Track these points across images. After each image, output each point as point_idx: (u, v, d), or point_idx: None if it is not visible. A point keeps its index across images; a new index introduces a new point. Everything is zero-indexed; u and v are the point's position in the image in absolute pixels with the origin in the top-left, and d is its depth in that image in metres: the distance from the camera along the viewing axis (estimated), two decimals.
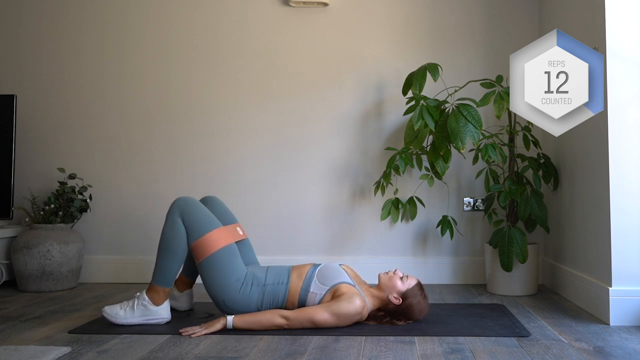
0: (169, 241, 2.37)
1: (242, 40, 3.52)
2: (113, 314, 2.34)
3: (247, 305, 2.34)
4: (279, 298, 2.37)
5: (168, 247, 2.37)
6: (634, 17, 2.41)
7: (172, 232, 2.37)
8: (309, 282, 2.37)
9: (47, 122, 3.58)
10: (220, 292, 2.34)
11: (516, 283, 2.99)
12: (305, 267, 2.45)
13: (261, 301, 2.35)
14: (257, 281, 2.37)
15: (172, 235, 2.37)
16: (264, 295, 2.36)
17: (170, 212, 2.41)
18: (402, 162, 3.07)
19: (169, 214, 2.41)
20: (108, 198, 3.52)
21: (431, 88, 3.20)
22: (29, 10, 3.62)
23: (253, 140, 3.49)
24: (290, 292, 2.37)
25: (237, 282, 2.34)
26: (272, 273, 2.42)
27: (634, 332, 2.25)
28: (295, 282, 2.38)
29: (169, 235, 2.37)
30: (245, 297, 2.34)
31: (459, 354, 1.98)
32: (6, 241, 3.36)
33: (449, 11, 3.45)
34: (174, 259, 2.38)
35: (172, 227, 2.38)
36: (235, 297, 2.33)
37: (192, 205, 2.42)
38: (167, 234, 2.38)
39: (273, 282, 2.38)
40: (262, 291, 2.36)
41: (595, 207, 2.57)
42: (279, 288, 2.37)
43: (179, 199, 2.44)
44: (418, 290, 2.36)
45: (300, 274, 2.41)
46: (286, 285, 2.37)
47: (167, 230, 2.39)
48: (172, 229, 2.37)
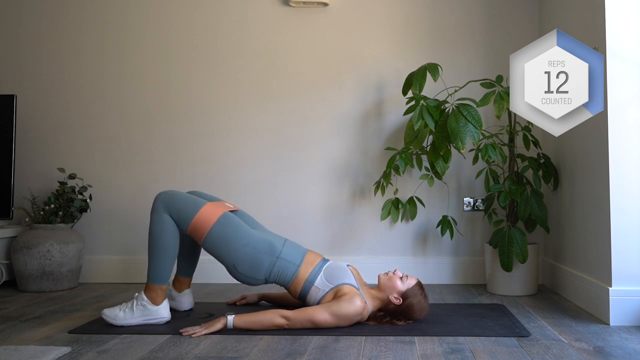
0: (158, 237, 2.38)
1: (242, 40, 3.52)
2: (112, 316, 2.34)
3: (257, 271, 2.36)
4: (287, 277, 2.39)
5: (158, 244, 2.37)
6: (634, 17, 2.41)
7: (160, 227, 2.38)
8: (314, 276, 2.39)
9: (47, 122, 3.58)
10: (232, 259, 2.36)
11: (516, 283, 2.99)
12: (316, 257, 2.47)
13: (270, 272, 2.37)
14: (272, 250, 2.38)
15: (161, 231, 2.37)
16: (274, 267, 2.37)
17: (154, 208, 2.41)
18: (402, 162, 3.07)
19: (154, 210, 2.41)
20: (108, 198, 3.52)
21: (431, 88, 3.20)
22: (29, 10, 3.62)
23: (253, 140, 3.49)
24: (297, 277, 2.39)
25: (245, 247, 2.36)
26: (288, 248, 2.43)
27: (634, 332, 2.25)
28: (304, 269, 2.40)
29: (158, 231, 2.38)
30: (255, 262, 2.35)
31: (459, 354, 1.98)
32: (6, 241, 3.36)
33: (449, 11, 3.45)
34: (167, 255, 2.38)
35: (159, 223, 2.38)
36: (245, 261, 2.35)
37: (173, 194, 2.44)
38: (155, 231, 2.39)
39: (286, 258, 2.39)
40: (274, 262, 2.37)
41: (595, 207, 2.57)
42: (289, 267, 2.38)
43: (160, 193, 2.44)
44: (418, 290, 2.36)
45: (311, 262, 2.43)
46: (297, 267, 2.39)
47: (154, 226, 2.39)
48: (160, 224, 2.38)
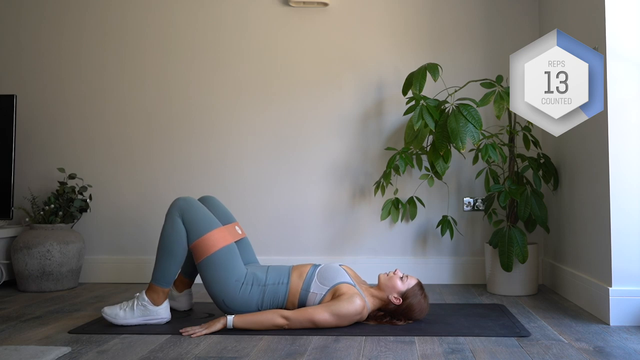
0: (168, 241, 2.37)
1: (242, 40, 3.52)
2: (113, 315, 2.34)
3: (247, 305, 2.34)
4: (280, 298, 2.36)
5: (168, 247, 2.37)
6: (634, 17, 2.41)
7: (172, 232, 2.37)
8: (309, 283, 2.37)
9: (47, 122, 3.58)
10: (220, 292, 2.34)
11: (516, 283, 2.99)
12: (305, 267, 2.45)
13: (261, 301, 2.35)
14: (258, 281, 2.37)
15: (172, 235, 2.37)
16: (264, 295, 2.35)
17: (170, 212, 2.41)
18: (402, 162, 3.07)
19: (169, 214, 2.40)
20: (108, 198, 3.52)
21: (431, 88, 3.20)
22: (29, 10, 3.62)
23: (253, 140, 3.49)
24: (290, 292, 2.36)
25: (237, 282, 2.34)
26: (272, 273, 2.41)
27: (634, 332, 2.25)
28: (295, 282, 2.38)
29: (169, 235, 2.37)
30: (245, 297, 2.34)
31: (459, 354, 1.98)
32: (6, 241, 3.36)
33: (449, 11, 3.45)
34: (174, 259, 2.38)
35: (172, 227, 2.37)
36: (235, 297, 2.33)
37: (192, 205, 2.42)
38: (167, 234, 2.38)
39: (274, 282, 2.38)
40: (263, 291, 2.36)
41: (595, 207, 2.57)
42: (279, 288, 2.37)
43: (179, 199, 2.44)
44: (418, 290, 2.36)
45: (300, 274, 2.41)
46: (287, 285, 2.37)
47: (167, 230, 2.38)
48: (172, 229, 2.37)
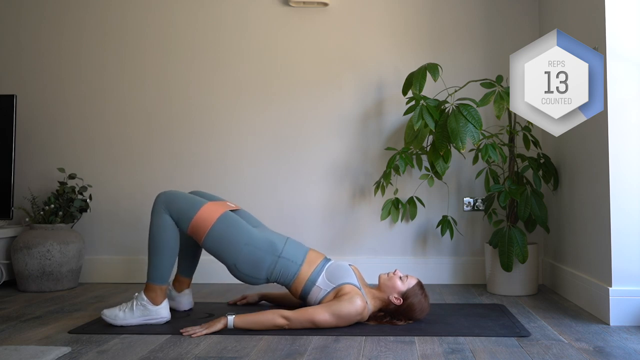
0: (158, 237, 2.37)
1: (242, 40, 3.52)
2: (112, 316, 2.34)
3: (258, 270, 2.36)
4: (288, 276, 2.38)
5: (159, 243, 2.37)
6: (634, 17, 2.41)
7: (161, 227, 2.37)
8: (316, 276, 2.38)
9: (47, 122, 3.58)
10: (233, 258, 2.35)
11: (516, 283, 2.99)
12: (318, 257, 2.46)
13: (271, 271, 2.37)
14: (273, 249, 2.38)
15: (161, 230, 2.37)
16: (275, 266, 2.37)
17: (154, 208, 2.41)
18: (402, 162, 3.07)
19: (154, 211, 2.40)
20: (108, 198, 3.52)
21: (431, 88, 3.20)
22: (29, 10, 3.62)
23: (253, 140, 3.49)
24: (299, 276, 2.38)
25: (246, 246, 2.35)
26: (290, 247, 2.43)
27: (634, 332, 2.25)
28: (305, 269, 2.39)
29: (157, 231, 2.37)
30: (256, 261, 2.35)
31: (459, 354, 1.98)
32: (6, 241, 3.36)
33: (449, 11, 3.45)
34: (166, 255, 2.38)
35: (159, 223, 2.38)
36: (246, 260, 2.35)
37: (174, 194, 2.43)
38: (155, 230, 2.38)
39: (288, 257, 2.39)
40: (275, 261, 2.37)
41: (595, 207, 2.57)
42: (291, 266, 2.38)
43: (160, 194, 2.44)
44: (418, 290, 2.36)
45: (311, 262, 2.42)
46: (299, 267, 2.39)
47: (154, 226, 2.39)
48: (160, 224, 2.37)
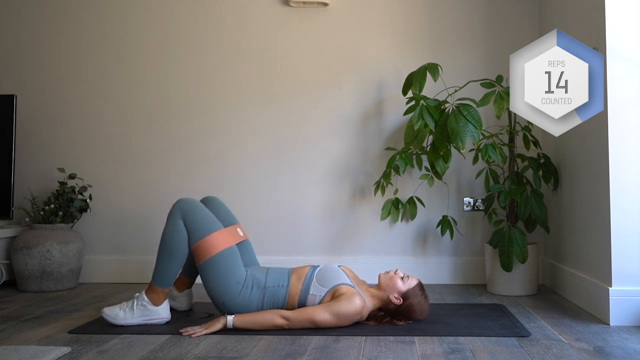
0: (170, 242, 2.37)
1: (242, 40, 3.52)
2: (112, 315, 2.34)
3: (248, 308, 2.34)
4: (280, 300, 2.36)
5: (169, 248, 2.37)
6: (634, 17, 2.41)
7: (174, 233, 2.37)
8: (308, 284, 2.37)
9: (47, 122, 3.58)
10: (221, 294, 2.34)
11: (516, 283, 2.99)
12: (304, 269, 2.45)
13: (261, 303, 2.35)
14: (258, 283, 2.37)
15: (173, 237, 2.36)
16: (264, 298, 2.35)
17: (171, 213, 2.41)
18: (402, 162, 3.07)
19: (171, 215, 2.40)
20: (108, 198, 3.52)
21: (431, 88, 3.20)
22: (29, 10, 3.62)
23: (253, 140, 3.49)
24: (290, 295, 2.36)
25: (237, 285, 2.34)
26: (272, 275, 2.41)
27: (634, 332, 2.25)
28: (295, 285, 2.37)
29: (170, 236, 2.37)
30: (245, 299, 2.34)
31: (459, 354, 1.98)
32: (6, 241, 3.36)
33: (449, 11, 3.45)
34: (174, 260, 2.37)
35: (173, 228, 2.37)
36: (235, 299, 2.33)
37: (194, 206, 2.42)
38: (168, 235, 2.38)
39: (273, 285, 2.37)
40: (263, 293, 2.36)
41: (595, 207, 2.57)
42: (279, 290, 2.37)
43: (181, 200, 2.43)
44: (419, 291, 2.36)
45: (299, 276, 2.41)
46: (286, 287, 2.37)
47: (168, 231, 2.38)
48: (174, 230, 2.37)
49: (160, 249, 2.39)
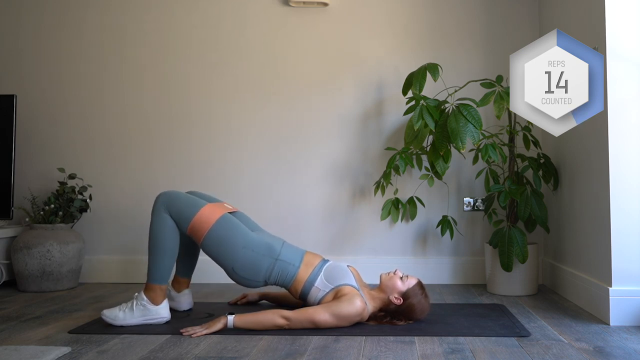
0: (158, 236, 2.38)
1: (242, 41, 3.52)
2: (112, 317, 2.34)
3: (256, 273, 2.36)
4: (287, 278, 2.39)
5: (158, 243, 2.38)
6: (634, 17, 2.41)
7: (160, 227, 2.38)
8: (315, 277, 2.39)
9: (47, 122, 3.58)
10: (231, 261, 2.36)
11: (516, 283, 2.99)
12: (315, 258, 2.47)
13: (270, 273, 2.38)
14: (271, 252, 2.39)
15: (160, 231, 2.38)
16: (273, 269, 2.38)
17: (155, 208, 2.42)
18: (402, 162, 3.07)
19: (154, 210, 2.41)
20: (108, 198, 3.52)
21: (431, 88, 3.20)
22: (29, 10, 3.62)
23: (253, 140, 3.49)
24: (297, 278, 2.39)
25: (244, 249, 2.36)
26: (287, 250, 2.44)
27: (634, 332, 2.25)
28: (303, 271, 2.40)
29: (158, 231, 2.38)
30: (254, 264, 2.36)
31: (459, 354, 1.98)
32: (6, 241, 3.36)
33: (449, 11, 3.45)
34: (166, 254, 2.38)
35: (159, 222, 2.39)
36: (244, 263, 2.35)
37: (175, 195, 2.44)
38: (155, 230, 2.39)
39: (285, 260, 2.40)
40: (273, 264, 2.37)
41: (595, 207, 2.57)
42: (289, 268, 2.39)
43: (161, 194, 2.45)
44: (419, 290, 2.36)
45: (309, 263, 2.43)
46: (297, 269, 2.40)
47: (154, 226, 2.40)
48: (159, 223, 2.38)
49: (150, 245, 2.40)
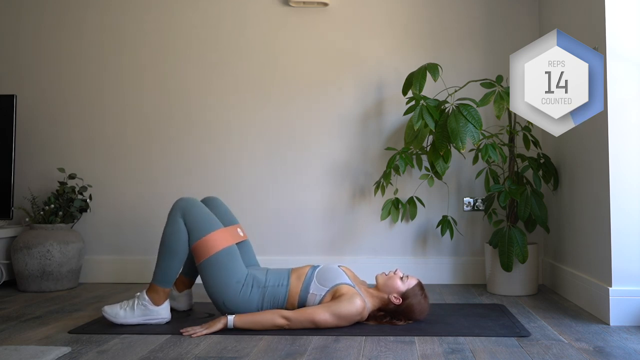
0: (170, 241, 2.37)
1: (242, 41, 3.52)
2: (113, 314, 2.34)
3: (248, 307, 2.34)
4: (279, 300, 2.37)
5: (169, 247, 2.37)
6: (634, 17, 2.41)
7: (174, 232, 2.37)
8: (308, 283, 2.37)
9: (47, 122, 3.58)
10: (221, 294, 2.34)
11: (516, 283, 2.99)
12: (304, 268, 2.45)
13: (261, 303, 2.36)
14: (258, 283, 2.37)
15: (174, 236, 2.37)
16: (264, 297, 2.36)
17: (172, 212, 2.41)
18: (402, 162, 3.07)
19: (171, 214, 2.41)
20: (108, 198, 3.52)
21: (431, 88, 3.20)
22: (29, 10, 3.62)
23: (253, 140, 3.49)
24: (290, 294, 2.37)
25: (237, 284, 2.34)
26: (272, 275, 2.42)
27: (634, 332, 2.25)
28: (295, 284, 2.38)
29: (171, 236, 2.37)
30: (245, 298, 2.34)
31: (459, 354, 1.98)
32: (6, 241, 3.36)
33: (449, 11, 3.45)
34: (175, 259, 2.38)
35: (173, 228, 2.38)
36: (235, 298, 2.33)
37: (194, 205, 2.42)
38: (168, 234, 2.38)
39: (273, 284, 2.38)
40: (263, 293, 2.36)
41: (595, 207, 2.57)
42: (279, 290, 2.37)
43: (181, 200, 2.44)
44: (418, 290, 2.36)
45: (299, 275, 2.41)
46: (286, 287, 2.37)
47: (168, 230, 2.39)
48: (174, 229, 2.37)
49: (160, 248, 2.40)
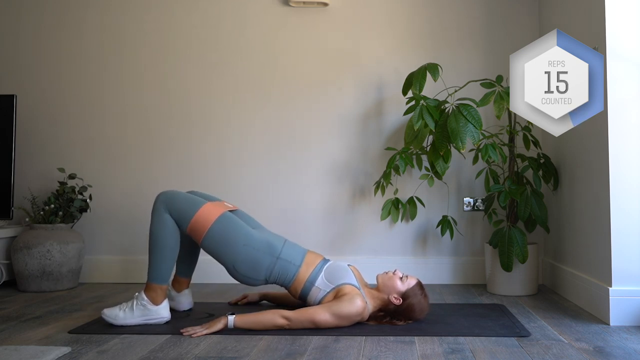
0: (158, 236, 2.38)
1: (242, 41, 3.52)
2: (112, 316, 2.34)
3: (257, 271, 2.36)
4: (288, 277, 2.39)
5: (158, 243, 2.38)
6: (634, 17, 2.41)
7: (160, 226, 2.38)
8: (315, 276, 2.39)
9: (47, 122, 3.58)
10: (231, 259, 2.36)
11: (516, 283, 2.99)
12: (317, 257, 2.47)
13: (270, 272, 2.38)
14: (272, 250, 2.39)
15: (160, 230, 2.38)
16: (274, 268, 2.38)
17: (155, 208, 2.42)
18: (402, 162, 3.07)
19: (154, 210, 2.41)
20: (108, 198, 3.52)
21: (431, 88, 3.20)
22: (29, 10, 3.62)
23: (253, 140, 3.49)
24: (297, 278, 2.39)
25: (245, 247, 2.36)
26: (288, 248, 2.44)
27: (634, 332, 2.25)
28: (304, 270, 2.40)
29: (157, 231, 2.38)
30: (255, 262, 2.36)
31: (459, 354, 1.98)
32: (6, 241, 3.36)
33: (449, 11, 3.45)
34: (166, 254, 2.38)
35: (159, 222, 2.39)
36: (245, 260, 2.35)
37: (174, 194, 2.44)
38: (155, 230, 2.39)
39: (287, 259, 2.39)
40: (274, 263, 2.37)
41: (595, 207, 2.57)
42: (290, 267, 2.39)
43: (161, 194, 2.45)
44: (418, 290, 2.36)
45: (310, 263, 2.43)
46: (297, 268, 2.39)
47: (154, 226, 2.40)
48: (160, 223, 2.38)
49: (150, 246, 2.40)
